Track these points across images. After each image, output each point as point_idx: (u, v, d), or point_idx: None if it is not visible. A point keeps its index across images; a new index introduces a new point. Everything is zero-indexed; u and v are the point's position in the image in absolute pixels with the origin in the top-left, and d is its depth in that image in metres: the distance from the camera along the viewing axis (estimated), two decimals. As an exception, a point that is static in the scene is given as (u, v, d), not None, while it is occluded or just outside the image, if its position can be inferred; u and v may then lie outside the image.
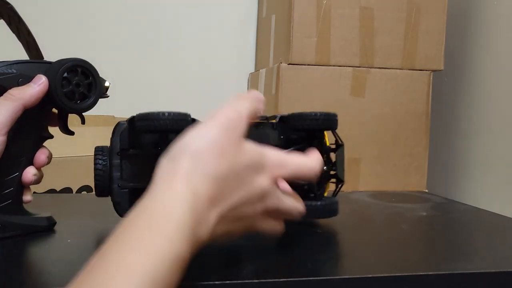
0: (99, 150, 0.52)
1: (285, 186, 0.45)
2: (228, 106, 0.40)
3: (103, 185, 0.51)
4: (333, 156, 0.62)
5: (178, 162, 0.36)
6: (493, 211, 0.74)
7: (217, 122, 0.39)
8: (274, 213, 0.43)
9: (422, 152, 1.14)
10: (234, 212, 0.38)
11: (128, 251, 0.31)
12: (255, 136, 0.53)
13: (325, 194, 0.62)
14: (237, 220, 0.40)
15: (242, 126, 0.41)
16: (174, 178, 0.36)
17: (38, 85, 0.48)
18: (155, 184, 0.36)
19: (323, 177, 0.61)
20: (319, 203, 0.58)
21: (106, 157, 0.52)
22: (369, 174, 1.08)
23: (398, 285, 0.43)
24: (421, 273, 0.44)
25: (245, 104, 0.41)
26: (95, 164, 0.51)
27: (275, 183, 0.42)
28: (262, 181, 0.40)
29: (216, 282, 0.39)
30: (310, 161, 0.44)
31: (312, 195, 0.60)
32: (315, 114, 0.57)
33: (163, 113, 0.47)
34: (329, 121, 0.58)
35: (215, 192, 0.36)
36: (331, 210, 0.59)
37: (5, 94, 0.47)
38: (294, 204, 0.44)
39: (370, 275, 0.42)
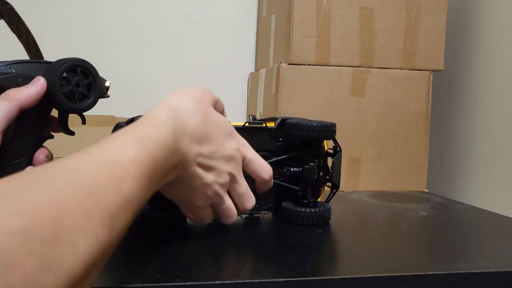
0: None
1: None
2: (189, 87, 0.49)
3: None
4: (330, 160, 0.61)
5: (159, 107, 0.44)
6: (494, 211, 0.74)
7: (186, 89, 0.47)
8: (235, 187, 0.48)
9: (422, 152, 1.14)
10: (209, 160, 0.45)
11: (122, 132, 0.39)
12: (253, 139, 0.53)
13: (319, 199, 0.62)
14: (210, 170, 0.45)
15: (210, 95, 0.49)
16: (156, 109, 0.44)
17: (36, 86, 0.48)
18: None
19: (319, 182, 0.61)
20: (313, 210, 0.58)
21: None
22: (369, 174, 1.08)
23: (398, 285, 0.43)
24: (421, 273, 0.44)
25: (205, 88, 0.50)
26: None
27: (241, 158, 0.48)
28: (232, 146, 0.47)
29: (216, 282, 0.39)
30: (266, 164, 0.52)
31: (306, 201, 0.60)
32: (311, 124, 0.56)
33: None
34: (326, 132, 0.57)
35: (194, 131, 0.43)
36: (324, 217, 0.59)
37: (2, 95, 0.47)
38: (251, 193, 0.50)
39: (370, 275, 0.42)
